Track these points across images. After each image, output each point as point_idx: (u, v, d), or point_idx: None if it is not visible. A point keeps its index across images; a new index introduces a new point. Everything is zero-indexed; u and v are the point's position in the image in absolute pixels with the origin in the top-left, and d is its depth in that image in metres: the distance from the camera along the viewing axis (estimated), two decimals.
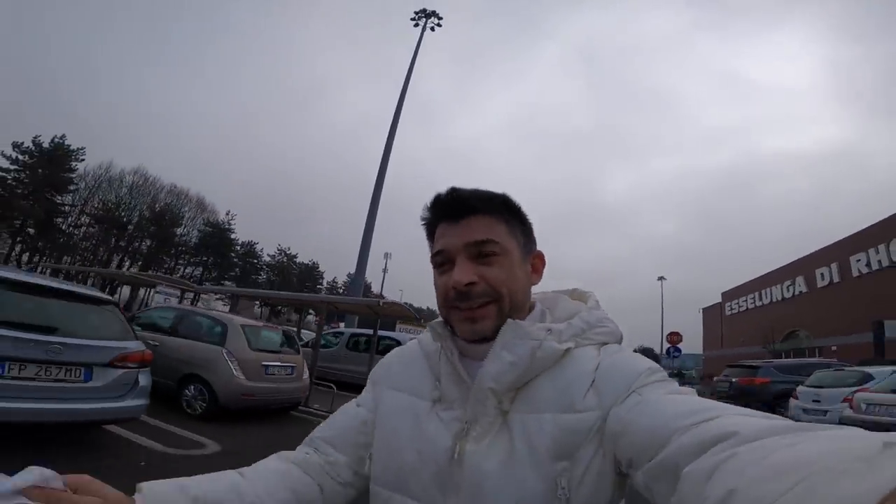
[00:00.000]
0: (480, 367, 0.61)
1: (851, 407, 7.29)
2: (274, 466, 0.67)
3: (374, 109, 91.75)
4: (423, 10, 29.99)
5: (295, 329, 11.31)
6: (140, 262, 41.95)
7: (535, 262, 0.69)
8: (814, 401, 8.60)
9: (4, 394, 3.12)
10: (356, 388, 3.33)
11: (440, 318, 0.69)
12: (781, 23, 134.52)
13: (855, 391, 7.50)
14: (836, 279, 25.12)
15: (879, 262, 22.03)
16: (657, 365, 0.59)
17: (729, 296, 39.15)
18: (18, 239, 35.69)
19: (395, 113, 25.13)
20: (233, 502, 0.58)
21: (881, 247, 21.90)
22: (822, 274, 26.25)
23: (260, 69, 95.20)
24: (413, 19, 30.03)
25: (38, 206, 34.56)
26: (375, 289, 55.03)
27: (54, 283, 3.92)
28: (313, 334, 12.71)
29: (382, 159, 23.85)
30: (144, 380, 4.06)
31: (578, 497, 0.54)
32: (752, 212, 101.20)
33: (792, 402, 9.09)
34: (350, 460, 0.70)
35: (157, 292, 14.01)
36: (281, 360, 6.59)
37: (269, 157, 79.30)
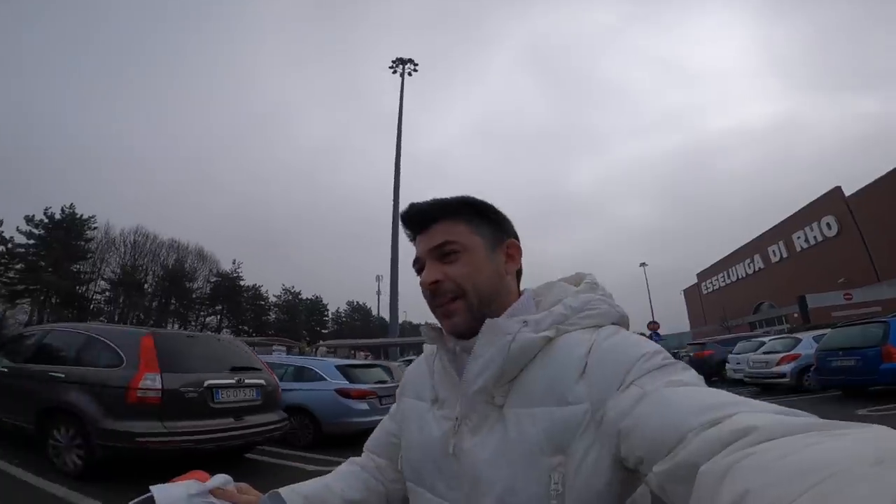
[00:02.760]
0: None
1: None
2: (348, 468, 0.83)
3: (336, 134, 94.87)
4: (400, 59, 33.51)
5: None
6: (153, 318, 44.47)
7: (510, 251, 0.71)
8: (736, 363, 12.33)
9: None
10: None
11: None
12: (704, 8, 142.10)
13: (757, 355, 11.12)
14: (784, 255, 28.91)
15: (815, 237, 25.88)
16: (655, 347, 0.57)
17: (703, 276, 42.89)
18: (46, 310, 38.09)
19: (396, 158, 27.34)
20: (328, 497, 0.74)
21: (814, 224, 25.76)
22: (773, 251, 30.05)
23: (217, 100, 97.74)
24: (391, 67, 33.52)
25: (61, 277, 37.15)
26: (373, 312, 58.11)
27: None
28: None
29: (394, 202, 25.75)
30: None
31: (573, 491, 0.53)
32: (714, 187, 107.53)
33: (727, 365, 13.13)
34: (389, 463, 0.82)
35: (274, 350, 17.93)
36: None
37: (241, 191, 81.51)
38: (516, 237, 0.74)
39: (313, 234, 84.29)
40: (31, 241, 38.30)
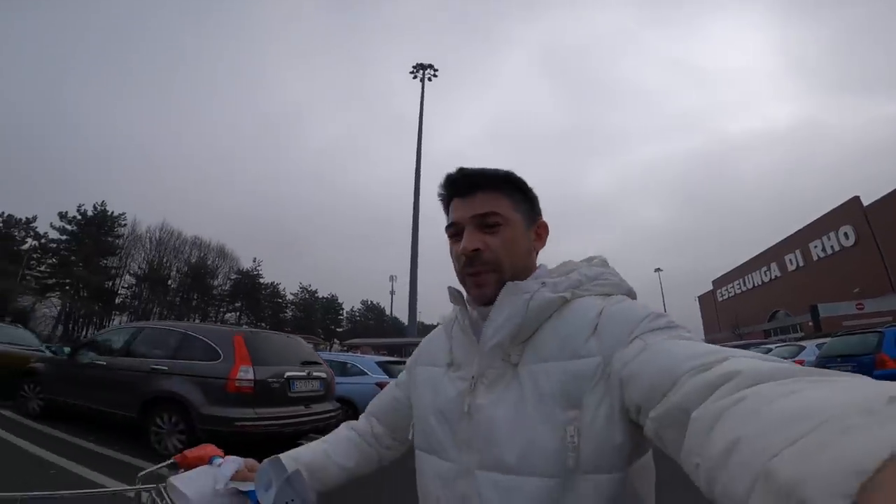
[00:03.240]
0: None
1: None
2: (345, 434, 0.87)
3: (347, 134, 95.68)
4: (420, 64, 34.09)
5: None
6: (175, 313, 45.82)
7: (539, 231, 0.75)
8: None
9: None
10: None
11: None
12: (724, 9, 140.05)
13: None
14: (801, 263, 29.01)
15: (832, 247, 25.96)
16: (661, 311, 0.60)
17: (719, 283, 42.94)
18: (77, 303, 39.57)
19: (417, 162, 27.32)
20: (327, 464, 0.79)
21: (832, 234, 25.85)
22: (789, 259, 30.17)
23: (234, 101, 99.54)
24: (411, 72, 34.11)
25: (92, 272, 38.62)
26: (387, 311, 58.87)
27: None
28: None
29: (414, 210, 25.93)
30: None
31: (588, 444, 0.55)
32: (732, 189, 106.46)
33: None
34: (387, 430, 0.86)
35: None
36: None
37: (257, 190, 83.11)
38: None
39: (326, 233, 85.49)
40: (64, 237, 39.93)
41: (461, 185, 0.72)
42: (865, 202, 24.02)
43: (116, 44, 77.43)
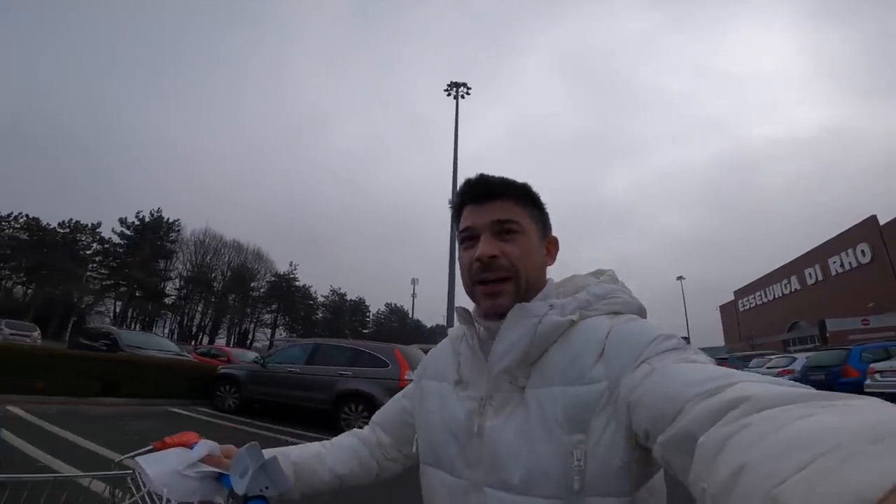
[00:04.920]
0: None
1: None
2: (347, 441, 0.84)
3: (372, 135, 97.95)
4: (454, 83, 36.20)
5: None
6: (213, 314, 48.81)
7: (549, 247, 0.75)
8: None
9: None
10: None
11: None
12: (749, 11, 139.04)
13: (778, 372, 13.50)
14: (820, 278, 30.28)
15: (850, 263, 27.29)
16: (670, 332, 0.58)
17: (740, 293, 44.04)
18: (132, 303, 42.85)
19: (454, 174, 29.41)
20: (317, 467, 0.77)
21: (849, 250, 27.17)
22: (809, 273, 31.42)
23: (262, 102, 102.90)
24: (446, 90, 36.25)
25: (147, 275, 41.86)
26: (409, 314, 61.13)
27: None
28: None
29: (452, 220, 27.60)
30: None
31: (594, 469, 0.55)
32: (757, 196, 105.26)
33: None
34: (394, 441, 0.84)
35: None
36: None
37: (283, 192, 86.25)
38: None
39: (350, 234, 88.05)
40: (123, 241, 43.53)
41: (480, 190, 0.72)
42: (882, 220, 25.33)
43: (159, 56, 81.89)
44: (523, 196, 0.72)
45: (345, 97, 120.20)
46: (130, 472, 0.69)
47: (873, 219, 25.89)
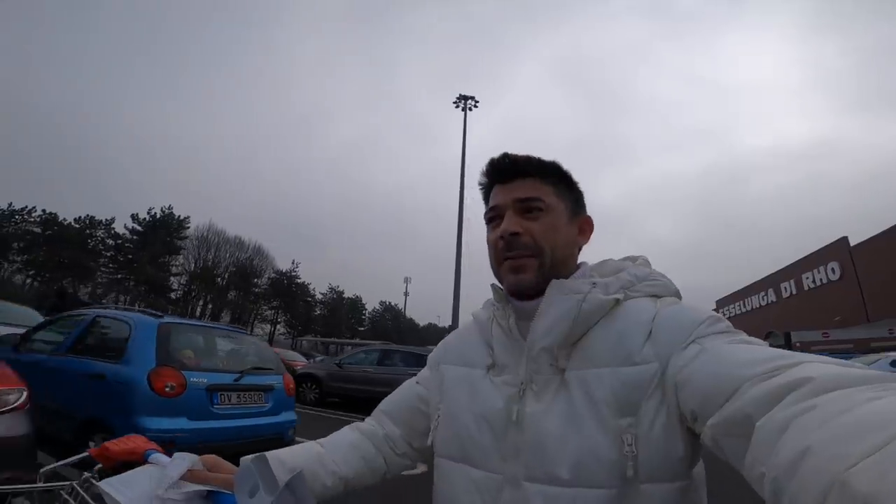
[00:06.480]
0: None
1: None
2: (348, 438, 0.76)
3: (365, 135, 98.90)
4: (462, 96, 37.79)
5: None
6: (213, 310, 49.85)
7: (583, 226, 0.72)
8: None
9: None
10: None
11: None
12: (742, 23, 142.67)
13: None
14: (794, 291, 32.85)
15: (821, 279, 29.83)
16: (719, 315, 0.57)
17: (722, 303, 46.63)
18: (138, 297, 43.84)
19: (461, 184, 29.43)
20: (319, 471, 0.68)
21: (821, 268, 29.70)
22: (784, 287, 34.02)
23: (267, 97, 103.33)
24: (455, 103, 37.83)
25: (156, 269, 42.90)
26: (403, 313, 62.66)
27: None
28: None
29: (459, 223, 26.35)
30: None
31: (646, 454, 0.52)
32: (744, 205, 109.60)
33: None
34: (404, 433, 0.78)
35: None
36: None
37: (276, 185, 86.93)
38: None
39: (344, 233, 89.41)
40: (134, 237, 44.40)
41: (505, 169, 0.70)
42: (853, 242, 27.82)
43: (166, 56, 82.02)
44: (551, 174, 0.70)
45: (345, 97, 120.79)
46: (67, 484, 0.59)
47: (844, 240, 28.37)
